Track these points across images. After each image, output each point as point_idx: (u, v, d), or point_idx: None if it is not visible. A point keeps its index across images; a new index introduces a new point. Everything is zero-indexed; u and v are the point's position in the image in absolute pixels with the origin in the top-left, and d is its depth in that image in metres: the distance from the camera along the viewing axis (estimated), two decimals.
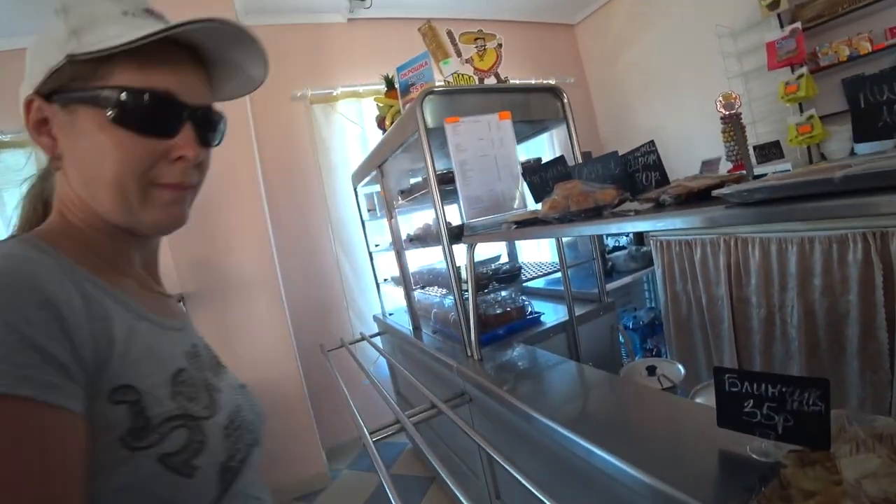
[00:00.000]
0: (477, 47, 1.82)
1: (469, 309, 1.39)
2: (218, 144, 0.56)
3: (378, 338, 2.63)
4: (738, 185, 0.57)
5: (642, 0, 3.59)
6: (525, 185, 1.43)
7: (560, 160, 1.30)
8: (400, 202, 1.83)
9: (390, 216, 1.94)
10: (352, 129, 2.83)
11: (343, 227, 2.82)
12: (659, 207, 0.85)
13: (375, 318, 2.62)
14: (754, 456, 0.74)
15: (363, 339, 2.52)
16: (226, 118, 0.57)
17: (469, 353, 1.46)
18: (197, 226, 2.34)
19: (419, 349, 1.80)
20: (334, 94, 2.77)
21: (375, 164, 1.95)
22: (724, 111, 2.87)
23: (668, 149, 3.51)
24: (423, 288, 1.98)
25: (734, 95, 2.83)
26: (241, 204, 2.41)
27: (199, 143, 0.51)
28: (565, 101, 1.74)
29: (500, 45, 1.83)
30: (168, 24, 0.47)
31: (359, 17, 2.94)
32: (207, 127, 0.53)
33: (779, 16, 2.60)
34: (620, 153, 1.10)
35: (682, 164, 3.43)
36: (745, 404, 0.74)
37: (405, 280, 2.00)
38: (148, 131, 0.47)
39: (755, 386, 0.72)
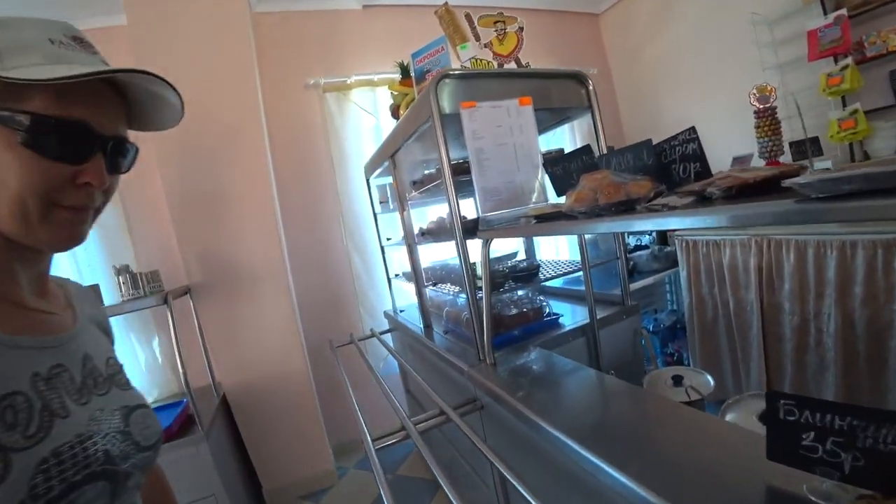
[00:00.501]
0: (497, 31, 1.71)
1: (483, 309, 1.29)
2: (126, 172, 0.57)
3: (389, 335, 2.56)
4: (818, 175, 0.46)
5: None
6: (546, 176, 1.33)
7: (586, 150, 1.19)
8: (412, 194, 1.73)
9: (402, 209, 1.85)
10: (365, 119, 2.74)
11: (355, 220, 2.74)
12: (703, 202, 0.74)
13: (386, 315, 2.55)
14: (813, 498, 0.63)
15: (373, 335, 2.45)
16: (137, 148, 0.58)
17: (482, 357, 1.37)
18: (205, 217, 2.29)
19: (430, 349, 1.71)
20: (348, 82, 2.68)
21: (388, 154, 1.86)
22: (758, 105, 2.69)
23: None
24: (434, 285, 1.88)
25: (769, 87, 2.65)
26: (250, 194, 2.34)
27: (108, 171, 0.52)
28: (590, 88, 1.62)
29: (521, 29, 1.72)
30: (94, 53, 0.52)
31: (374, 3, 2.84)
32: (118, 156, 0.54)
33: (822, 2, 2.42)
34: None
35: (711, 161, 3.25)
36: (804, 436, 0.63)
37: (417, 276, 1.91)
38: (58, 157, 0.47)
39: (818, 416, 0.61)
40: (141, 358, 2.58)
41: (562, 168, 1.25)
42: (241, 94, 2.31)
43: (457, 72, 1.32)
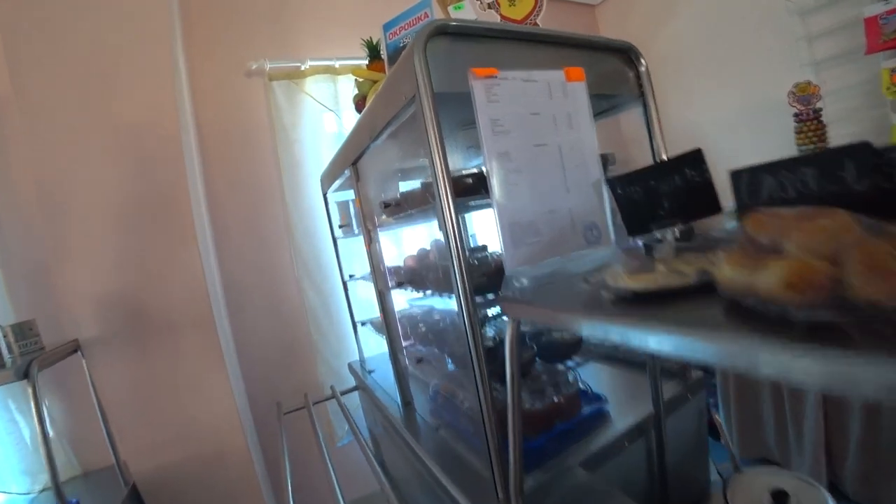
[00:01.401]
0: None
1: (509, 429, 0.75)
2: None
3: (355, 393, 2.00)
4: None
5: None
6: (600, 202, 0.82)
7: (693, 158, 0.67)
8: (383, 218, 1.19)
9: (368, 240, 1.30)
10: (325, 116, 2.16)
11: (310, 247, 2.13)
12: None
13: (351, 369, 1.98)
14: None
15: (333, 396, 1.91)
16: None
17: (502, 498, 0.83)
18: (101, 245, 1.69)
19: (413, 451, 1.16)
20: (302, 68, 2.10)
21: (348, 161, 1.31)
22: (798, 106, 2.28)
23: (709, 155, 2.92)
24: (419, 361, 1.34)
25: (813, 86, 2.24)
26: (165, 213, 1.75)
27: None
28: (642, 69, 1.12)
29: None
30: None
31: None
32: None
33: None
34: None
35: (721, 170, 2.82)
36: None
37: (391, 336, 1.35)
38: None
39: None
40: (25, 432, 1.93)
41: (642, 188, 0.73)
42: (154, 77, 1.72)
43: (457, 24, 0.79)
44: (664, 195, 0.72)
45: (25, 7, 1.63)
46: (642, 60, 1.11)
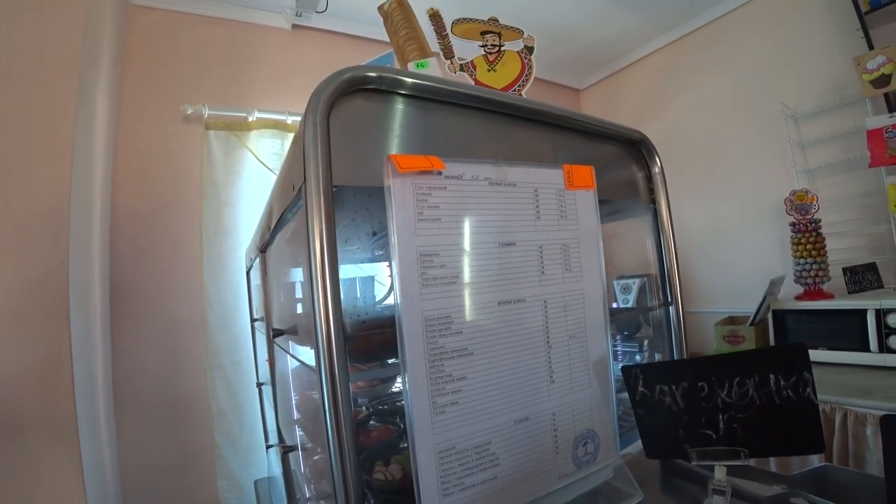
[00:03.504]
0: (486, 48, 0.94)
1: None
2: None
3: None
4: None
5: (667, 70, 2.94)
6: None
7: (790, 360, 0.36)
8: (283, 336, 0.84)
9: (270, 352, 0.94)
10: (268, 178, 1.83)
11: (226, 335, 1.73)
12: None
13: (257, 489, 1.54)
14: None
15: None
16: None
17: None
18: None
19: None
20: (248, 119, 1.80)
21: (258, 246, 0.98)
22: (795, 215, 2.10)
23: (692, 259, 2.74)
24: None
25: (811, 195, 2.08)
26: (37, 281, 1.36)
27: None
28: (657, 168, 0.86)
29: (529, 51, 0.96)
30: None
31: (307, 25, 2.07)
32: None
33: (886, 97, 1.90)
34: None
35: (712, 279, 2.63)
36: None
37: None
38: None
39: None
40: None
41: (685, 392, 0.42)
42: (48, 117, 1.39)
43: (390, 76, 0.49)
44: (723, 408, 0.40)
45: None
46: (657, 159, 0.84)
